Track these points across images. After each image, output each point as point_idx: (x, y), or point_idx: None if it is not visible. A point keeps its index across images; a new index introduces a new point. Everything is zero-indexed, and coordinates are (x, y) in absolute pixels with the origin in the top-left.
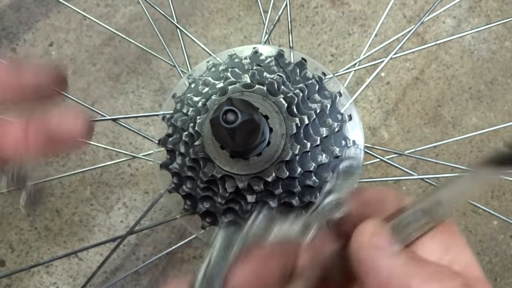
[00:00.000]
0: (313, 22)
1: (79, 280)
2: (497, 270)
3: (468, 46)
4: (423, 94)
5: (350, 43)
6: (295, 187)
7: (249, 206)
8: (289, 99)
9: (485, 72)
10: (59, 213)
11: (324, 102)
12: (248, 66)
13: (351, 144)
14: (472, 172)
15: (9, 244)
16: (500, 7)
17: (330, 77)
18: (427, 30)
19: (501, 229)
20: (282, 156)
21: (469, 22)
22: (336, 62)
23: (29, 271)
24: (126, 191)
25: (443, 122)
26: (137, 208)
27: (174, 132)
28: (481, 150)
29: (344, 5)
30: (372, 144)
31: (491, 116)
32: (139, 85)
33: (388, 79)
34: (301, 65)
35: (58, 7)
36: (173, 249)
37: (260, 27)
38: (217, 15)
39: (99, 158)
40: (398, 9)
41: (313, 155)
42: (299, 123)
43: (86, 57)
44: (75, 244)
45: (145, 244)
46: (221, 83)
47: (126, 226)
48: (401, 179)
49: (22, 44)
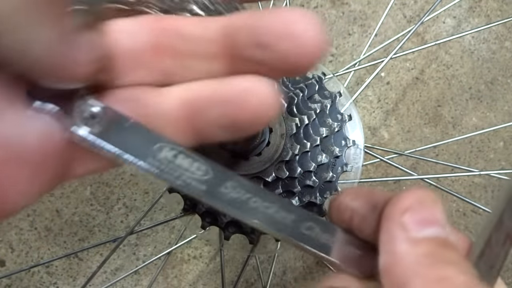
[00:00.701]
0: None
1: (79, 280)
2: None
3: (468, 46)
4: (423, 94)
5: (350, 43)
6: (295, 187)
7: None
8: (289, 99)
9: (485, 72)
10: (59, 213)
11: (324, 102)
12: None
13: (351, 144)
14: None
15: (9, 244)
16: (500, 7)
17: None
18: (427, 30)
19: None
20: (282, 156)
21: (469, 22)
22: (336, 62)
23: (29, 271)
24: (126, 191)
25: (443, 122)
26: (137, 208)
27: None
28: (481, 150)
29: (344, 5)
30: (372, 144)
31: (491, 116)
32: None
33: (388, 79)
34: None
35: None
36: (173, 249)
37: None
38: None
39: None
40: (398, 9)
41: (313, 155)
42: (299, 123)
43: None
44: (75, 244)
45: (145, 244)
46: None
47: (126, 226)
48: (401, 179)
49: None
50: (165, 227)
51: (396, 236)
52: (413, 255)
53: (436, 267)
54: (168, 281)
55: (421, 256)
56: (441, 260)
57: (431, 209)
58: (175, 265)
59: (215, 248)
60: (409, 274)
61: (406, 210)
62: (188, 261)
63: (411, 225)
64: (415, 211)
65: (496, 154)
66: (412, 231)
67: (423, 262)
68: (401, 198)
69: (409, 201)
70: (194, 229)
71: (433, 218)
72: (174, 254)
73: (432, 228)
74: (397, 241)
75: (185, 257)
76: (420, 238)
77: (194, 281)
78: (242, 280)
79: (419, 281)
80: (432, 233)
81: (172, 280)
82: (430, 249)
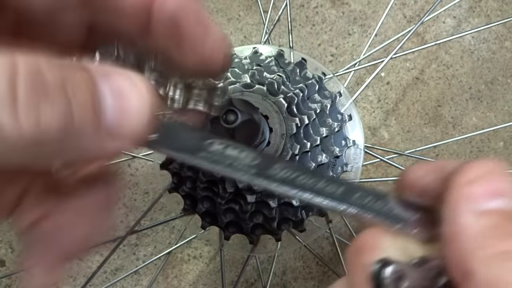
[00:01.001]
0: (313, 22)
1: (79, 280)
2: None
3: (468, 46)
4: (423, 94)
5: (350, 43)
6: None
7: (249, 206)
8: (289, 99)
9: (485, 72)
10: None
11: (324, 102)
12: (248, 66)
13: (351, 144)
14: None
15: (9, 244)
16: (500, 7)
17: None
18: (427, 30)
19: None
20: (282, 156)
21: (469, 22)
22: (336, 62)
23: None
24: (126, 191)
25: (443, 122)
26: (137, 208)
27: None
28: (481, 150)
29: (344, 5)
30: (372, 144)
31: (491, 116)
32: None
33: (388, 79)
34: (301, 65)
35: None
36: (173, 249)
37: (260, 27)
38: (217, 15)
39: None
40: (398, 9)
41: (313, 155)
42: (299, 123)
43: None
44: None
45: (145, 244)
46: (221, 83)
47: (126, 226)
48: None
49: None
50: (165, 227)
51: (462, 207)
52: (478, 226)
53: (501, 239)
54: (168, 281)
55: (486, 228)
56: (506, 233)
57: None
58: (175, 265)
59: (215, 248)
60: (473, 245)
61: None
62: (188, 261)
63: (477, 196)
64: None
65: (496, 154)
66: (478, 203)
67: (488, 234)
68: (469, 168)
69: (477, 171)
70: (194, 229)
71: (500, 190)
72: (174, 254)
73: (498, 200)
74: (463, 211)
75: (185, 257)
76: (486, 210)
77: (194, 281)
78: (242, 280)
79: (482, 253)
80: (498, 205)
81: (172, 280)
82: (495, 222)
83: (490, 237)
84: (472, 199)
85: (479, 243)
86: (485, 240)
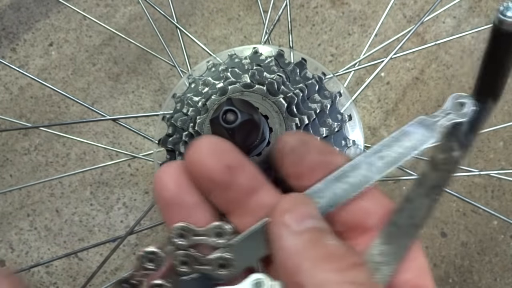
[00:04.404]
0: (313, 22)
1: (79, 280)
2: (497, 270)
3: (468, 46)
4: (423, 94)
5: (350, 43)
6: None
7: None
8: (289, 99)
9: None
10: (59, 213)
11: (324, 102)
12: (248, 66)
13: (351, 144)
14: None
15: (9, 244)
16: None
17: (330, 77)
18: (427, 30)
19: (501, 229)
20: None
21: (469, 22)
22: (336, 62)
23: (29, 271)
24: (126, 191)
25: None
26: (137, 208)
27: (174, 132)
28: (481, 150)
29: (344, 5)
30: (372, 144)
31: (491, 116)
32: (139, 85)
33: (388, 79)
34: (301, 65)
35: (58, 7)
36: None
37: (260, 27)
38: (217, 15)
39: (99, 158)
40: (398, 9)
41: None
42: (299, 123)
43: (86, 57)
44: (75, 244)
45: (145, 244)
46: (221, 83)
47: (126, 226)
48: (401, 179)
49: (22, 44)
50: (165, 227)
51: (282, 233)
52: (297, 244)
53: (316, 248)
54: None
55: (304, 243)
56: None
57: (305, 207)
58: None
59: None
60: (299, 259)
61: (285, 211)
62: None
63: (290, 221)
64: (293, 210)
65: (496, 154)
66: (293, 226)
67: (306, 247)
68: (283, 202)
69: (289, 203)
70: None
71: (307, 214)
72: None
73: (309, 221)
74: (282, 235)
75: None
76: (299, 230)
77: None
78: None
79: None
80: (310, 224)
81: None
82: (309, 237)
83: (308, 249)
84: (287, 225)
85: (304, 255)
86: (307, 250)
